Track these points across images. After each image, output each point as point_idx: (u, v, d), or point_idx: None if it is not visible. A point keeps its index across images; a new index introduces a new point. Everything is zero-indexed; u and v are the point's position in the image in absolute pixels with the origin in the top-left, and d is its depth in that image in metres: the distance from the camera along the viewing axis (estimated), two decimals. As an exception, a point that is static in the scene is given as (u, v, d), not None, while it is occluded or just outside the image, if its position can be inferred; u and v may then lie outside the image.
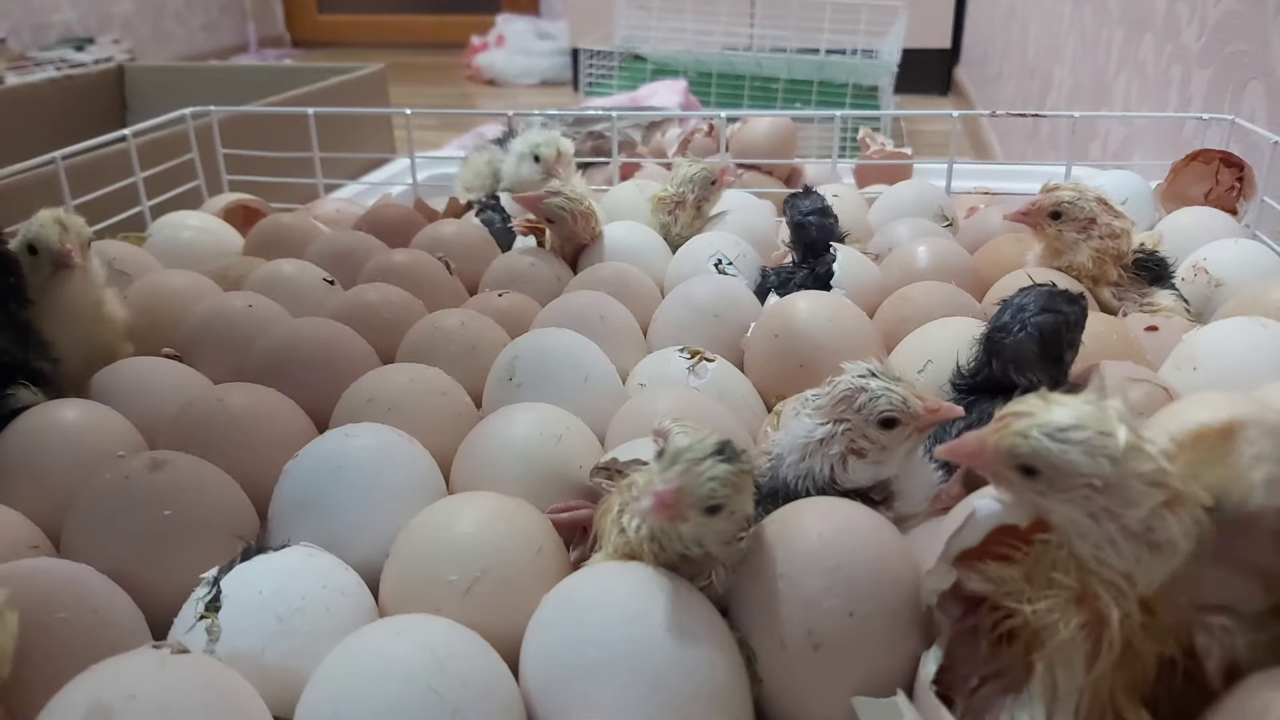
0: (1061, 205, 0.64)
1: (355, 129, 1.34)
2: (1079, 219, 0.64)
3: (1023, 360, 0.47)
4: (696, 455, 0.36)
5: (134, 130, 0.95)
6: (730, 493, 0.36)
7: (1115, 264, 0.65)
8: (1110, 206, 0.65)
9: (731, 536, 0.38)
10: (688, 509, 0.36)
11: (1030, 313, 0.47)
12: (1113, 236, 0.64)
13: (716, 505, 0.36)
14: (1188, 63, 0.98)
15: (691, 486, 0.36)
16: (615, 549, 0.40)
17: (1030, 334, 0.47)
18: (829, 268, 0.67)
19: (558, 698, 0.35)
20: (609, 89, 2.00)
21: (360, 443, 0.48)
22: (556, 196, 0.75)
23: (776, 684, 0.37)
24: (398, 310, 0.66)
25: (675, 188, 0.82)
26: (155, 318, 0.66)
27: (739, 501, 0.37)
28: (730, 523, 0.38)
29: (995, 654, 0.34)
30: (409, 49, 3.98)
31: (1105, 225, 0.64)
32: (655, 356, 0.60)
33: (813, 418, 0.43)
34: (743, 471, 0.37)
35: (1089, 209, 0.64)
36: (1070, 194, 0.64)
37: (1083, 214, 0.64)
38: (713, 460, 0.36)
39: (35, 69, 2.47)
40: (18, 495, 0.48)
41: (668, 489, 0.36)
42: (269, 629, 0.39)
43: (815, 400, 0.43)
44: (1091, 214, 0.64)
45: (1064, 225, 0.65)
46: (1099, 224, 0.64)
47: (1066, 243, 0.65)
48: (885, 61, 1.85)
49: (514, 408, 0.53)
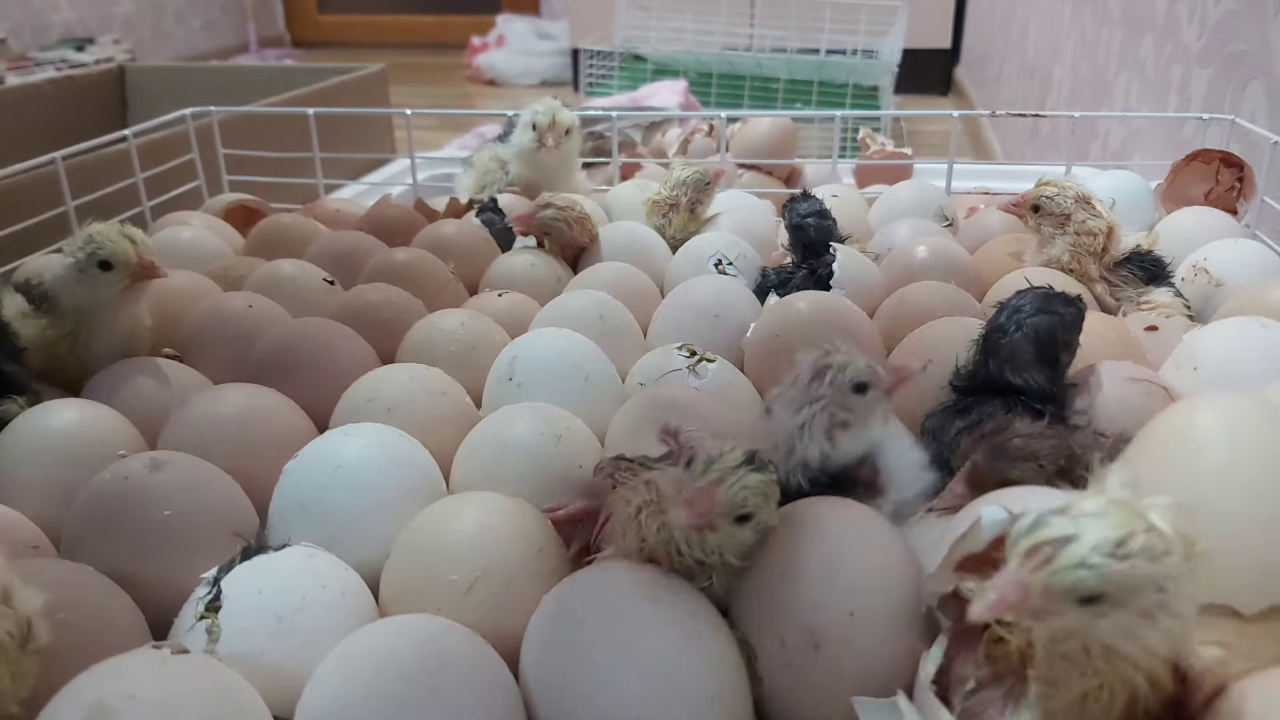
0: (1041, 200, 0.68)
1: (355, 129, 1.34)
2: (1055, 214, 0.68)
3: (1019, 361, 0.47)
4: (729, 464, 0.37)
5: (134, 130, 0.95)
6: (761, 502, 0.37)
7: (1095, 260, 0.67)
8: (1090, 205, 0.67)
9: (751, 547, 0.38)
10: (719, 517, 0.36)
11: (1026, 314, 0.48)
12: (1089, 234, 0.67)
13: (747, 514, 0.37)
14: (1188, 63, 0.98)
15: (725, 495, 0.36)
16: (629, 549, 0.40)
17: (1026, 335, 0.47)
18: (829, 268, 0.67)
19: (558, 698, 0.35)
20: (609, 89, 2.00)
21: (360, 443, 0.48)
22: (547, 209, 0.76)
23: (776, 684, 0.37)
24: (398, 310, 0.66)
25: (669, 191, 0.82)
26: (155, 318, 0.66)
27: (767, 512, 0.38)
28: (754, 533, 0.38)
29: (993, 656, 0.34)
30: (409, 49, 3.98)
31: (1080, 222, 0.67)
32: (655, 356, 0.60)
33: (786, 409, 0.43)
34: (772, 481, 0.37)
35: (1065, 205, 0.67)
36: (1052, 190, 0.68)
37: (1059, 209, 0.68)
38: (745, 469, 0.36)
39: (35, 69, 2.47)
40: (18, 495, 0.48)
41: (703, 497, 0.36)
42: (269, 629, 0.39)
43: (781, 395, 0.44)
44: (1067, 210, 0.67)
45: (1042, 219, 0.69)
46: (1073, 220, 0.67)
47: (1044, 236, 0.69)
48: (885, 61, 1.85)
49: (514, 408, 0.53)
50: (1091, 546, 0.27)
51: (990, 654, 0.33)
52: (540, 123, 0.89)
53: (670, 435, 0.44)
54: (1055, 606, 0.28)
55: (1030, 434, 0.42)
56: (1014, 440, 0.42)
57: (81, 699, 0.32)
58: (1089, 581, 0.27)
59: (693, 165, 0.83)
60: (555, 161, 0.91)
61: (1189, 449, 0.36)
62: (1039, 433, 0.42)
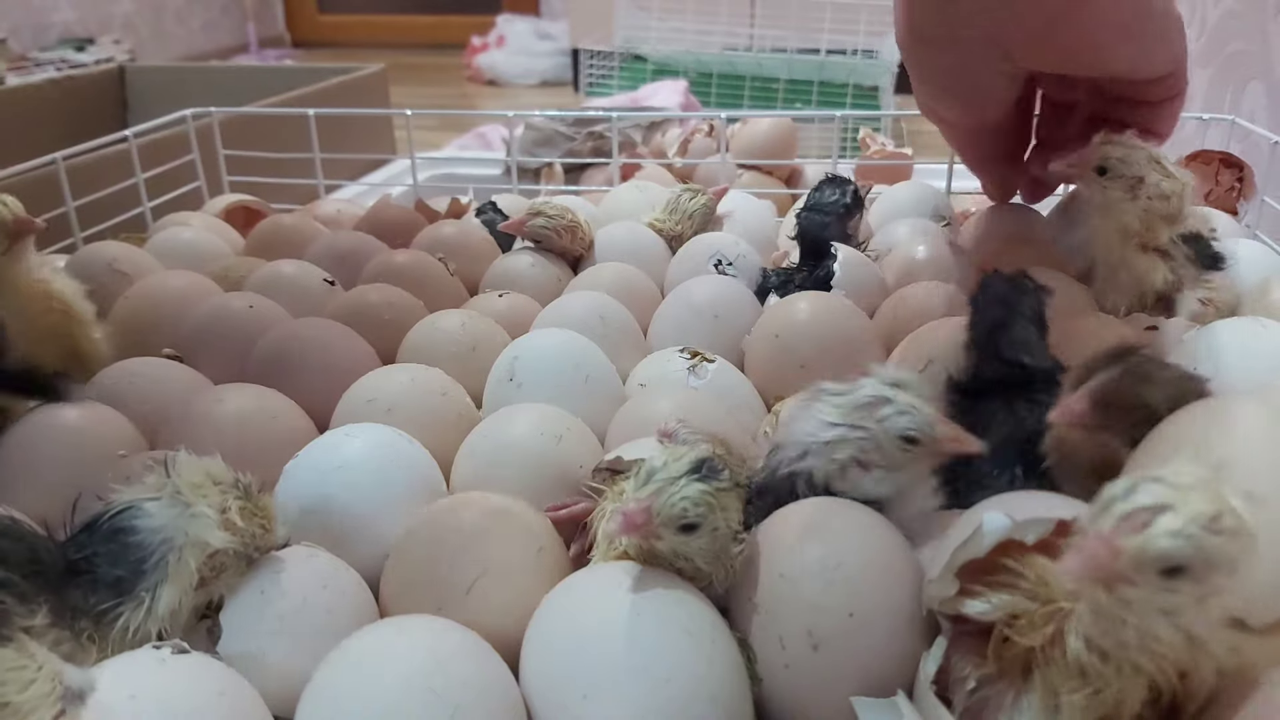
0: (1109, 161, 0.59)
1: (355, 129, 1.34)
2: (1127, 177, 0.59)
3: (1031, 346, 0.46)
4: (670, 475, 0.36)
5: (135, 131, 0.95)
6: (705, 511, 0.36)
7: (1167, 226, 0.60)
8: (1161, 165, 0.59)
9: (720, 550, 0.38)
10: (660, 528, 0.36)
11: (1013, 299, 0.47)
12: (1163, 197, 0.59)
13: (690, 524, 0.36)
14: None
15: (662, 507, 0.36)
16: (605, 554, 0.40)
17: (1025, 318, 0.47)
18: (829, 268, 0.67)
19: (558, 698, 0.36)
20: (609, 89, 2.00)
21: (360, 443, 0.48)
22: (537, 218, 0.75)
23: (776, 684, 0.37)
24: (398, 311, 0.66)
25: (674, 223, 0.80)
26: (155, 318, 0.66)
27: (720, 518, 0.37)
28: (714, 539, 0.37)
29: (1000, 656, 0.34)
30: (409, 49, 3.98)
31: (1155, 184, 0.58)
32: (655, 356, 0.60)
33: (827, 416, 0.40)
34: (720, 489, 0.36)
35: (1138, 167, 0.59)
36: (1120, 150, 0.59)
37: (1131, 172, 0.59)
38: (687, 479, 0.36)
39: (36, 69, 2.47)
40: (18, 495, 0.48)
41: (636, 509, 0.36)
42: (269, 629, 0.39)
43: (834, 398, 0.41)
44: (1140, 173, 0.59)
45: (1110, 183, 0.59)
46: (1147, 183, 0.59)
47: (1111, 201, 0.60)
48: (886, 61, 1.85)
49: (514, 408, 0.53)
50: (1189, 518, 0.27)
51: (997, 654, 0.33)
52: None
53: (666, 436, 0.44)
54: (1139, 575, 0.28)
55: (1155, 360, 0.41)
56: (1147, 363, 0.40)
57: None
58: (1184, 551, 0.27)
59: (700, 194, 0.81)
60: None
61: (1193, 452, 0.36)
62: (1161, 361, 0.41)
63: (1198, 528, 0.27)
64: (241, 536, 0.39)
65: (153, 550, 0.36)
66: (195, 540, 0.37)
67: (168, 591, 0.36)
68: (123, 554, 0.36)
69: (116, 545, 0.37)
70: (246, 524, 0.39)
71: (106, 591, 0.36)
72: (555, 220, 0.75)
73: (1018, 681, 0.32)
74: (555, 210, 0.76)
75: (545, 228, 0.75)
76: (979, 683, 0.33)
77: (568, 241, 0.77)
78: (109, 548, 0.37)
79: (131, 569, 0.36)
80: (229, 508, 0.38)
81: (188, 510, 0.37)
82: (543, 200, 0.79)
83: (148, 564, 0.36)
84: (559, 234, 0.76)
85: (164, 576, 0.36)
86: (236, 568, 0.39)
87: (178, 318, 0.65)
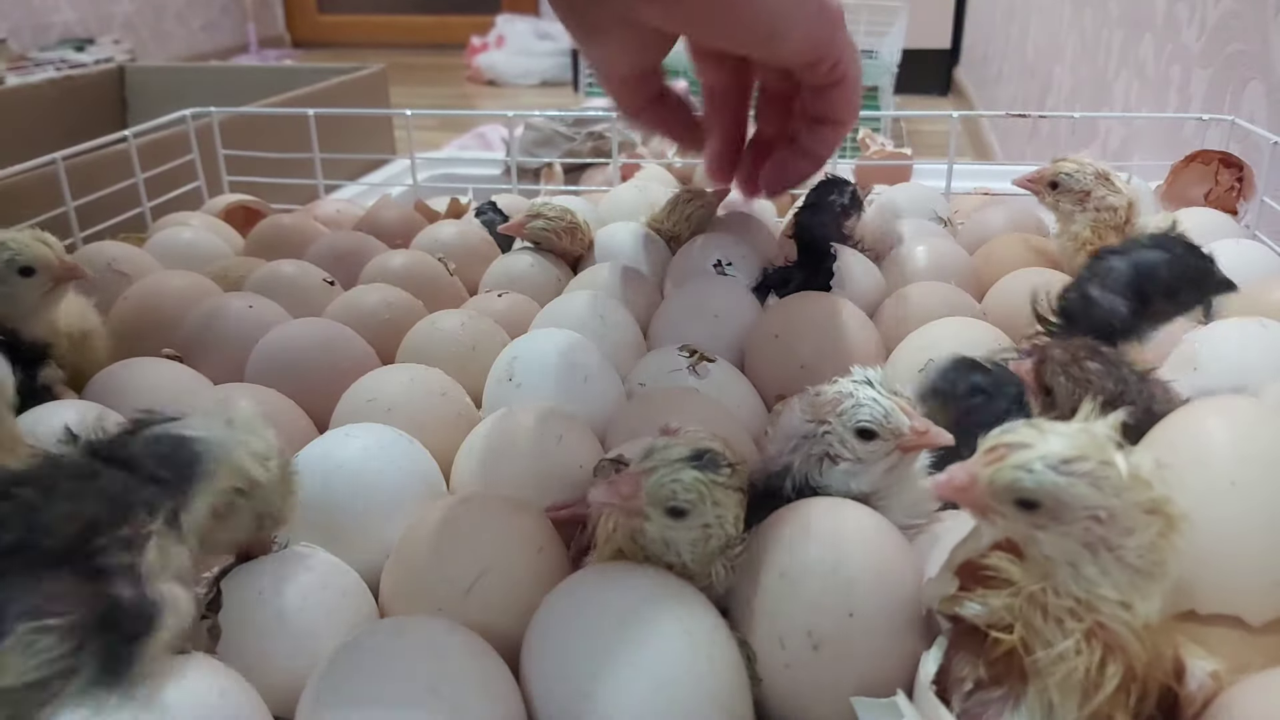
0: (1059, 176, 0.69)
1: (355, 130, 1.34)
2: (1075, 190, 0.68)
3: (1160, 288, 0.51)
4: (668, 457, 0.36)
5: (134, 131, 0.95)
6: (695, 499, 0.36)
7: (1117, 235, 0.66)
8: (1109, 181, 0.68)
9: (710, 554, 0.38)
10: (647, 506, 0.36)
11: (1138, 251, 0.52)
12: (1109, 209, 0.67)
13: (678, 508, 0.36)
14: (1188, 63, 0.98)
15: (653, 485, 0.36)
16: (604, 552, 0.40)
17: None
18: (829, 268, 0.67)
19: (558, 698, 0.36)
20: (609, 89, 2.00)
21: (360, 443, 0.48)
22: (537, 219, 0.75)
23: (776, 684, 0.37)
24: (398, 311, 0.66)
25: (670, 224, 0.80)
26: (155, 318, 0.66)
27: (710, 513, 0.37)
28: (701, 533, 0.37)
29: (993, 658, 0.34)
30: (409, 49, 3.98)
31: (1100, 198, 0.67)
32: (655, 356, 0.60)
33: (803, 414, 0.42)
34: (715, 483, 0.36)
35: (1085, 182, 0.68)
36: (1070, 166, 0.68)
37: (1078, 186, 0.68)
38: (684, 464, 0.36)
39: (35, 69, 2.47)
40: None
41: (627, 480, 0.36)
42: (269, 629, 0.39)
43: (810, 397, 0.42)
44: (1087, 186, 0.68)
45: (1061, 196, 0.69)
46: (1093, 196, 0.67)
47: (1064, 213, 0.69)
48: (885, 62, 1.85)
49: (514, 408, 0.53)
50: (1039, 455, 0.29)
51: (990, 655, 0.33)
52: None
53: (670, 435, 0.44)
54: (997, 505, 0.31)
55: (1108, 358, 0.43)
56: (1091, 360, 0.43)
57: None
58: (1024, 482, 0.29)
59: (699, 195, 0.80)
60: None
61: (1196, 454, 0.36)
62: (1114, 361, 0.44)
63: (1043, 465, 0.29)
64: (268, 488, 0.39)
65: (199, 458, 0.37)
66: (235, 465, 0.38)
67: (198, 503, 0.36)
68: (171, 456, 0.36)
69: (164, 447, 0.37)
70: (276, 483, 0.40)
71: (150, 489, 0.36)
72: (554, 222, 0.75)
73: (1015, 684, 0.32)
74: (554, 212, 0.76)
75: (545, 229, 0.76)
76: (978, 683, 0.33)
77: (567, 242, 0.77)
78: (156, 449, 0.36)
79: (177, 472, 0.36)
80: (270, 458, 0.39)
81: (235, 436, 0.38)
82: (542, 201, 0.79)
83: (196, 468, 0.36)
84: (558, 235, 0.76)
85: (200, 489, 0.36)
86: (243, 521, 0.39)
87: (177, 318, 0.65)
